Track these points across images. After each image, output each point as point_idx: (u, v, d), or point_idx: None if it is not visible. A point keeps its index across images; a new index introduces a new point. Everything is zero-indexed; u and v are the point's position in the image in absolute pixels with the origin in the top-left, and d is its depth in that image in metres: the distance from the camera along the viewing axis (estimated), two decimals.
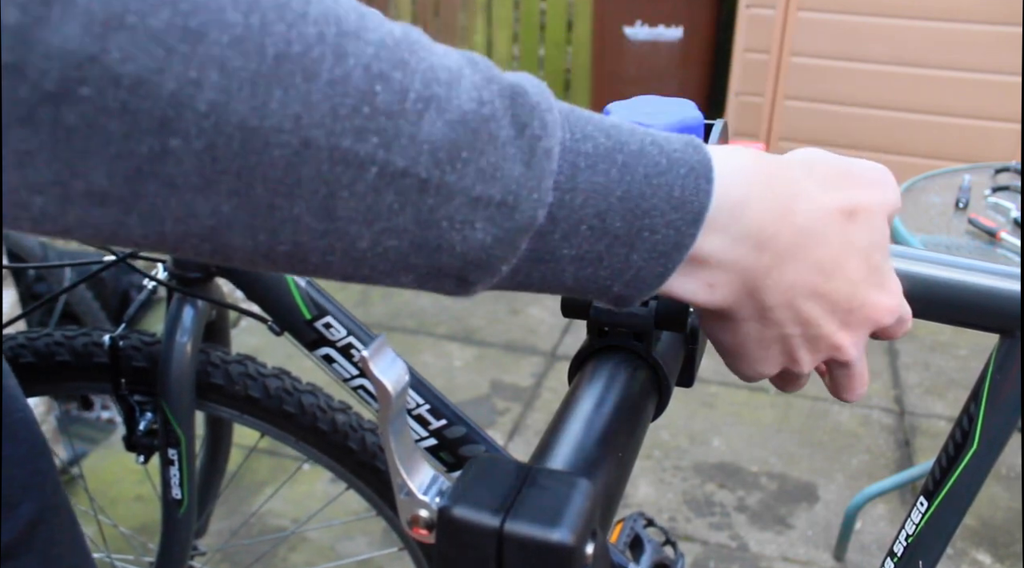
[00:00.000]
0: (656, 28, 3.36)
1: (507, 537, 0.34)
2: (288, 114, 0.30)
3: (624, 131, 0.38)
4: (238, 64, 0.28)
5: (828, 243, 0.43)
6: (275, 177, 0.30)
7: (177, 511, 1.07)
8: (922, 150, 2.96)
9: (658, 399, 0.51)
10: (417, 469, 0.37)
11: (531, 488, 0.36)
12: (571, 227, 0.37)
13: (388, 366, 0.35)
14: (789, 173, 0.43)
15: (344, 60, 0.30)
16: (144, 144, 0.28)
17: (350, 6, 0.32)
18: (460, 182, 0.34)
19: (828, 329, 0.45)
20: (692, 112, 0.52)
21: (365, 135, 0.31)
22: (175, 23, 0.27)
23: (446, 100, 0.33)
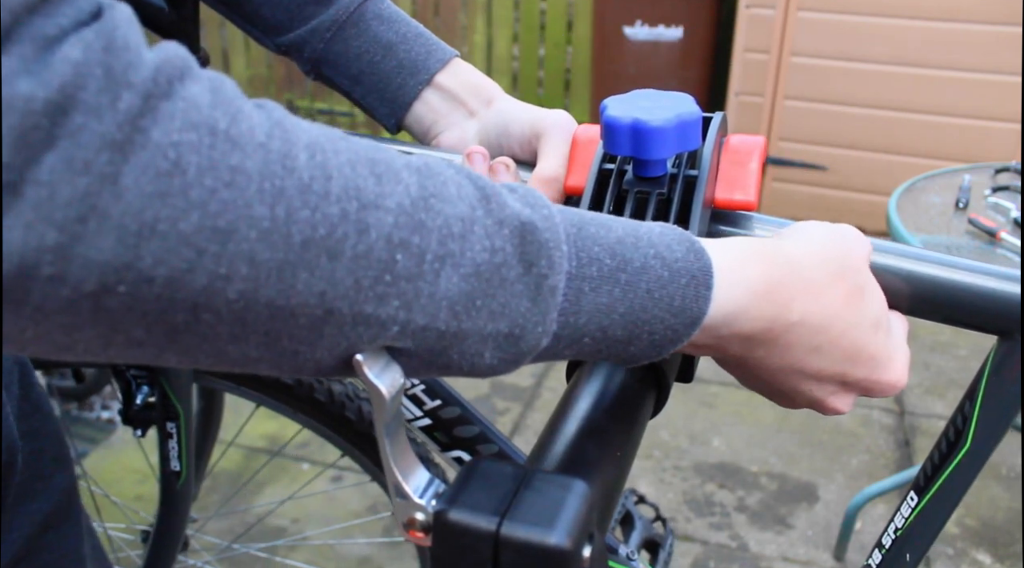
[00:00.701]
0: (656, 28, 3.36)
1: (503, 540, 0.34)
2: (314, 292, 0.32)
3: (628, 246, 0.40)
4: (267, 256, 0.30)
5: (827, 330, 0.45)
6: (300, 335, 0.33)
7: (176, 483, 1.09)
8: (922, 150, 2.96)
9: (657, 396, 0.51)
10: (413, 472, 0.37)
11: (528, 491, 0.35)
12: (574, 341, 0.39)
13: (383, 370, 0.35)
14: (794, 275, 0.45)
15: (366, 235, 0.32)
16: (179, 318, 0.30)
17: (367, 166, 0.33)
18: (474, 325, 0.36)
19: (817, 395, 0.49)
20: (690, 106, 0.52)
21: (387, 300, 0.33)
22: (204, 225, 0.29)
23: (460, 254, 0.34)
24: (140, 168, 0.28)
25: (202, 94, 0.30)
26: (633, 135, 0.51)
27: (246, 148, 0.30)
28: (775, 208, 3.18)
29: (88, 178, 0.27)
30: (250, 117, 0.31)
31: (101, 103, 0.27)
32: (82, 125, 0.27)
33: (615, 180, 0.56)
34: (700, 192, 0.54)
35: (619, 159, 0.57)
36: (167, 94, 0.29)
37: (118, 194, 0.27)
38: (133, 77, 0.28)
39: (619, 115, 0.51)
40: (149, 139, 0.28)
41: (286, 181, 0.30)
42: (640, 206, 0.55)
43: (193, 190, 0.29)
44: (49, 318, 0.28)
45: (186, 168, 0.28)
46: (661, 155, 0.51)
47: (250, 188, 0.30)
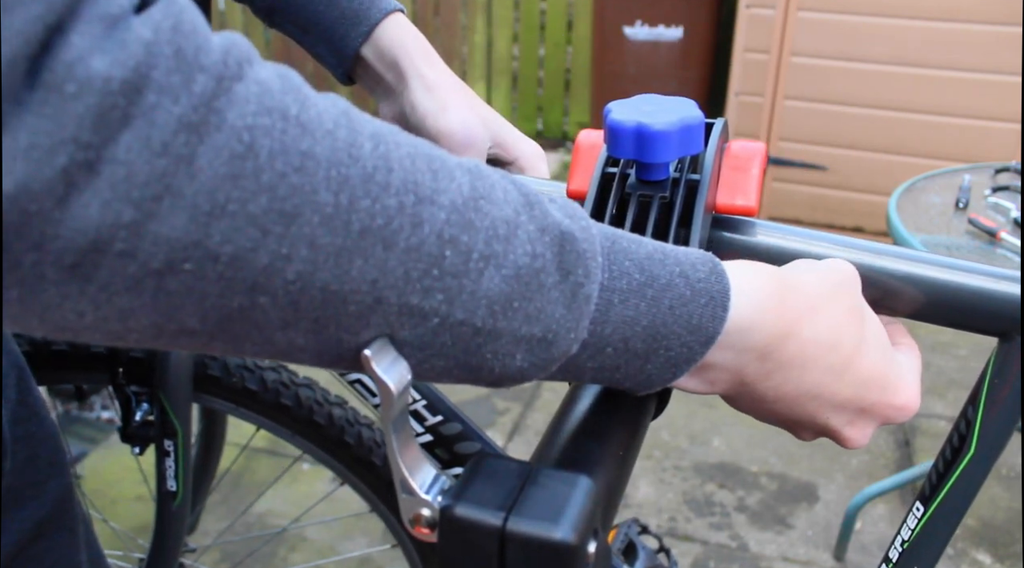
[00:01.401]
0: (656, 28, 3.36)
1: (509, 536, 0.34)
2: (366, 279, 0.33)
3: (656, 263, 0.41)
4: (326, 240, 0.31)
5: (837, 350, 0.46)
6: (347, 323, 0.34)
7: (171, 503, 1.07)
8: (922, 150, 2.96)
9: (659, 397, 0.51)
10: (419, 468, 0.37)
11: (533, 487, 0.36)
12: (597, 350, 0.40)
13: (390, 365, 0.35)
14: (800, 294, 0.46)
15: (420, 228, 0.33)
16: (235, 301, 0.31)
17: (424, 161, 0.34)
18: (509, 326, 0.37)
19: (835, 424, 0.49)
20: (693, 111, 0.52)
21: (432, 293, 0.34)
22: (272, 207, 0.30)
23: (503, 256, 0.35)
24: (215, 149, 0.28)
25: (272, 78, 0.31)
26: (637, 138, 0.52)
27: (316, 134, 0.31)
28: (775, 208, 3.18)
29: (165, 159, 0.27)
30: (317, 104, 0.32)
31: (174, 83, 0.27)
32: (156, 104, 0.27)
33: (618, 183, 0.56)
34: (702, 196, 0.54)
35: (622, 163, 0.57)
36: (239, 76, 0.29)
37: (193, 174, 0.28)
38: (204, 59, 0.28)
39: (623, 119, 0.52)
40: (224, 121, 0.28)
41: (351, 169, 0.31)
42: (643, 210, 0.56)
43: (264, 173, 0.29)
44: (111, 299, 0.29)
45: (259, 151, 0.29)
46: (664, 158, 0.52)
47: (318, 174, 0.30)
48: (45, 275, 0.27)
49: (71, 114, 0.26)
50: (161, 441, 1.03)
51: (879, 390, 0.48)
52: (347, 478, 1.08)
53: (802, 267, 0.50)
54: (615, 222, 0.56)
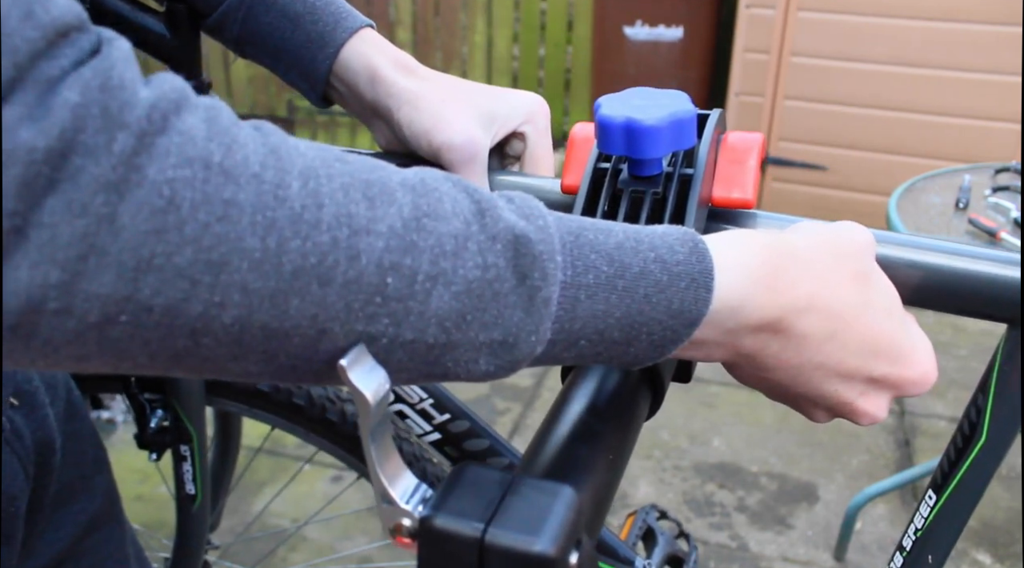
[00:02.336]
0: (656, 28, 3.35)
1: (488, 547, 0.34)
2: (306, 315, 0.33)
3: (627, 251, 0.40)
4: (259, 285, 0.31)
5: (842, 315, 0.44)
6: (295, 352, 0.34)
7: (191, 506, 1.09)
8: (922, 150, 2.95)
9: (652, 397, 0.51)
10: (399, 477, 0.37)
11: (513, 497, 0.35)
12: (570, 344, 0.40)
13: (367, 374, 0.35)
14: (795, 262, 0.44)
15: (357, 261, 0.33)
16: (179, 343, 0.32)
17: (360, 189, 0.34)
18: (464, 337, 0.36)
19: (846, 396, 0.47)
20: (684, 104, 0.51)
21: (377, 319, 0.34)
22: (199, 258, 0.30)
23: (452, 272, 0.35)
24: (136, 206, 0.29)
25: (197, 126, 0.30)
26: (626, 134, 0.50)
27: (239, 180, 0.31)
28: (775, 208, 3.16)
29: (86, 219, 0.28)
30: (245, 146, 0.31)
31: (98, 144, 0.28)
32: (81, 167, 0.28)
33: (610, 179, 0.55)
34: (695, 190, 0.53)
35: (614, 158, 0.56)
36: (162, 129, 0.29)
37: (115, 232, 0.28)
38: (128, 116, 0.29)
39: (612, 114, 0.51)
40: (145, 177, 0.29)
41: (278, 212, 0.31)
42: (635, 205, 0.55)
43: (187, 226, 0.29)
44: (58, 350, 0.30)
45: (180, 204, 0.29)
46: (655, 154, 0.51)
47: (243, 221, 0.30)
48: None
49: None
50: (177, 446, 1.04)
51: (889, 359, 0.46)
52: (362, 472, 1.08)
53: (803, 228, 0.48)
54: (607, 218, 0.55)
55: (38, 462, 0.68)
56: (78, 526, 0.77)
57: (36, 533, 0.70)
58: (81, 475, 0.77)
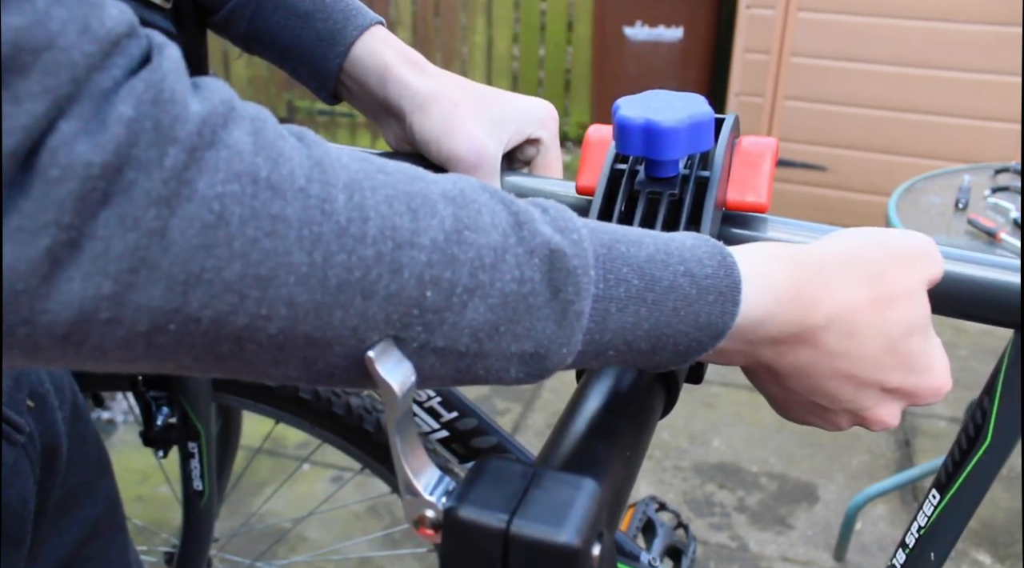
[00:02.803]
0: (656, 28, 3.36)
1: (513, 538, 0.34)
2: (347, 327, 0.33)
3: (658, 264, 0.40)
4: (304, 299, 0.32)
5: (854, 334, 0.45)
6: (335, 361, 0.35)
7: (199, 502, 1.09)
8: (922, 150, 2.96)
9: (666, 397, 0.51)
10: (423, 469, 0.37)
11: (537, 489, 0.36)
12: (598, 354, 0.40)
13: (394, 367, 0.35)
14: (819, 278, 0.45)
15: (399, 275, 0.33)
16: (224, 348, 0.32)
17: (404, 201, 0.34)
18: (496, 347, 0.37)
19: (860, 404, 0.48)
20: (702, 107, 0.52)
21: (411, 328, 0.35)
22: (247, 273, 0.30)
23: (489, 285, 0.35)
24: (186, 221, 0.29)
25: (244, 140, 0.31)
26: (645, 135, 0.51)
27: (286, 195, 0.31)
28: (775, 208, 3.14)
29: (137, 233, 0.28)
30: (291, 159, 0.32)
31: (151, 159, 0.28)
32: (134, 181, 0.28)
33: (627, 180, 0.56)
34: (712, 193, 0.54)
35: (631, 159, 0.57)
36: (212, 144, 0.30)
37: (166, 247, 0.29)
38: (179, 131, 0.29)
39: (631, 115, 0.51)
40: (195, 192, 0.29)
41: (324, 226, 0.32)
42: (651, 206, 0.55)
43: (236, 241, 0.30)
44: (107, 354, 0.31)
45: (230, 219, 0.30)
46: (673, 155, 0.51)
47: (290, 236, 0.31)
48: (39, 343, 0.29)
49: (54, 198, 0.27)
50: (185, 443, 1.05)
51: (904, 373, 0.47)
52: (369, 465, 1.09)
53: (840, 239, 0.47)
54: (624, 219, 0.55)
55: (44, 466, 0.68)
56: (82, 531, 0.76)
57: (40, 538, 0.70)
58: (86, 479, 0.77)
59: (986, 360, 2.52)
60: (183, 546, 1.14)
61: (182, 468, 1.07)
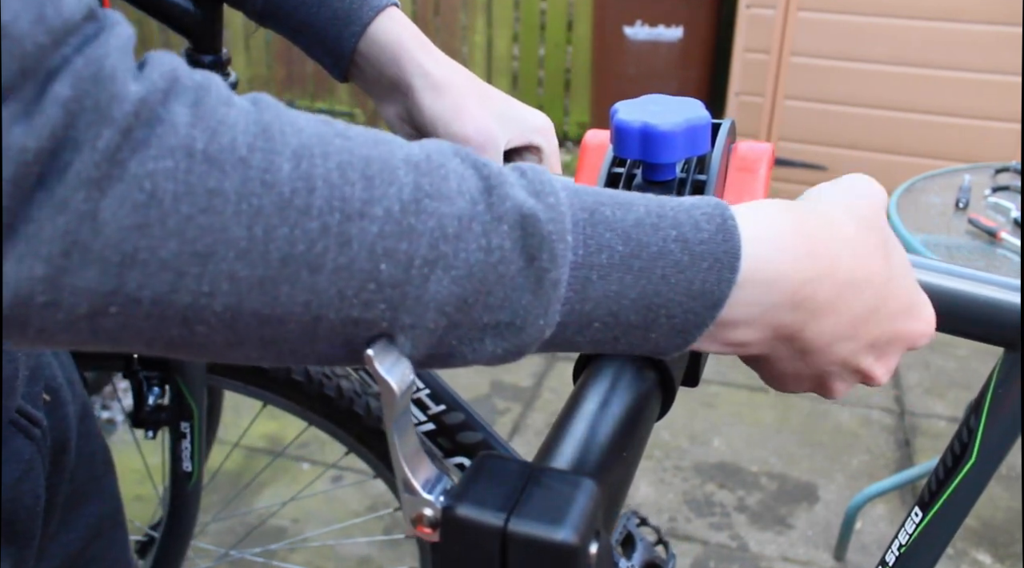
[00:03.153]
0: (656, 28, 3.36)
1: (511, 536, 0.34)
2: (298, 302, 0.32)
3: (646, 229, 0.38)
4: (246, 273, 0.31)
5: (872, 286, 0.43)
6: (293, 339, 0.34)
7: (187, 484, 1.09)
8: (922, 150, 2.96)
9: (663, 399, 0.51)
10: (421, 467, 0.37)
11: (535, 488, 0.36)
12: (582, 326, 0.38)
13: (393, 365, 0.35)
14: (832, 230, 0.43)
15: (347, 247, 0.32)
16: (173, 331, 0.31)
17: (359, 168, 0.33)
18: (467, 318, 0.35)
19: (865, 363, 0.46)
20: (699, 111, 0.52)
21: (373, 304, 0.33)
22: (183, 250, 0.29)
23: (453, 256, 0.34)
24: (117, 202, 0.28)
25: (182, 113, 0.30)
26: (642, 139, 0.51)
27: (224, 166, 0.30)
28: None
29: (67, 216, 0.28)
30: (233, 127, 0.31)
31: (85, 140, 0.28)
32: (68, 162, 0.28)
33: (624, 184, 0.56)
34: None
35: (628, 163, 0.57)
36: (148, 122, 0.29)
37: (97, 229, 0.28)
38: (116, 111, 0.28)
39: (629, 119, 0.52)
40: (126, 171, 0.28)
41: (264, 199, 0.31)
42: None
43: (170, 219, 0.29)
44: (54, 337, 0.30)
45: (162, 197, 0.29)
46: (670, 159, 0.52)
47: (227, 210, 0.30)
48: None
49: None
50: (177, 423, 1.05)
51: (906, 318, 0.46)
52: (356, 449, 1.09)
53: (833, 195, 0.47)
54: None
55: (53, 461, 0.68)
56: (89, 529, 0.76)
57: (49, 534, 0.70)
58: (92, 476, 0.77)
59: (986, 360, 2.52)
60: (167, 530, 1.13)
61: (172, 450, 1.06)
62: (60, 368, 0.71)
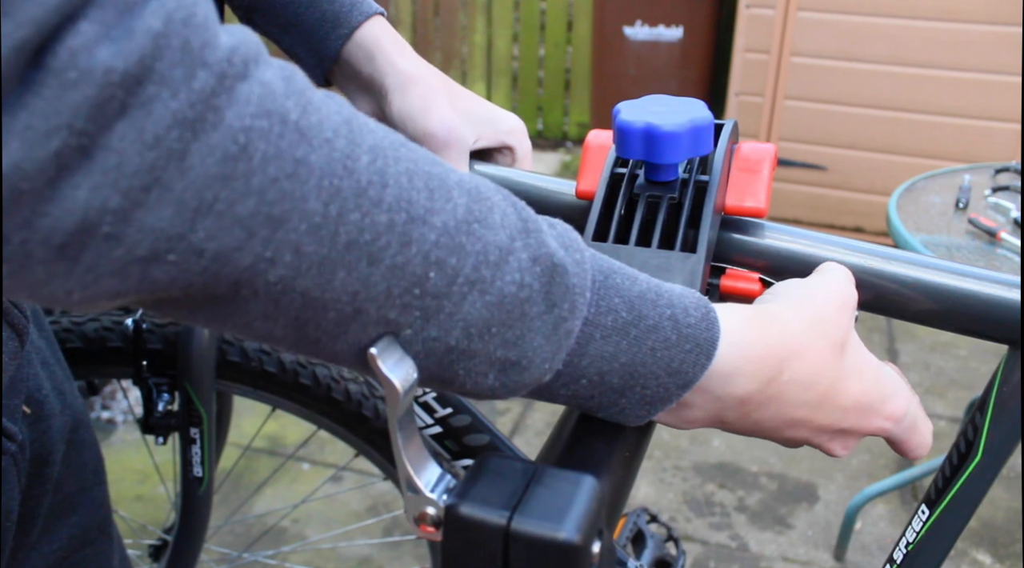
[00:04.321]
0: (656, 28, 3.36)
1: (513, 535, 0.34)
2: (347, 291, 0.33)
3: (647, 303, 0.41)
4: (311, 249, 0.31)
5: (816, 386, 0.46)
6: (326, 327, 0.34)
7: (197, 489, 1.09)
8: (922, 150, 2.96)
9: None
10: (425, 466, 0.37)
11: (538, 486, 0.36)
12: (572, 380, 0.41)
13: (396, 364, 0.35)
14: (784, 332, 0.45)
15: (408, 248, 0.33)
16: (219, 289, 0.31)
17: (423, 179, 0.34)
18: (484, 348, 0.37)
19: (817, 441, 0.49)
20: (702, 112, 0.52)
21: (410, 310, 0.35)
22: (260, 211, 0.30)
23: (490, 282, 0.35)
24: (208, 148, 0.28)
25: (276, 80, 0.30)
26: (645, 139, 0.51)
27: (313, 141, 0.31)
28: (775, 208, 3.18)
29: (156, 152, 0.28)
30: (320, 109, 0.31)
31: (176, 78, 0.27)
32: (155, 96, 0.27)
33: (627, 184, 0.56)
34: (711, 197, 0.54)
35: (631, 163, 0.57)
36: (243, 75, 0.29)
37: (183, 171, 0.28)
38: (209, 56, 0.28)
39: (632, 119, 0.52)
40: (222, 120, 0.28)
41: (344, 181, 0.31)
42: (651, 210, 0.56)
43: (256, 177, 0.29)
44: (98, 281, 0.29)
45: (253, 154, 0.29)
46: (673, 159, 0.52)
47: (310, 182, 0.30)
48: (33, 253, 0.28)
49: (69, 101, 0.26)
50: (187, 429, 1.05)
51: (857, 414, 0.48)
52: (365, 452, 1.09)
53: (795, 298, 0.48)
54: (623, 223, 0.56)
55: (32, 473, 0.67)
56: (72, 539, 0.75)
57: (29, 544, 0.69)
58: (81, 487, 0.76)
59: (986, 360, 2.53)
60: (179, 535, 1.14)
61: (182, 455, 1.06)
62: (49, 379, 0.70)
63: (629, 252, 0.54)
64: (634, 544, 0.97)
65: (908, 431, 0.50)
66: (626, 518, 0.98)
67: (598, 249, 0.54)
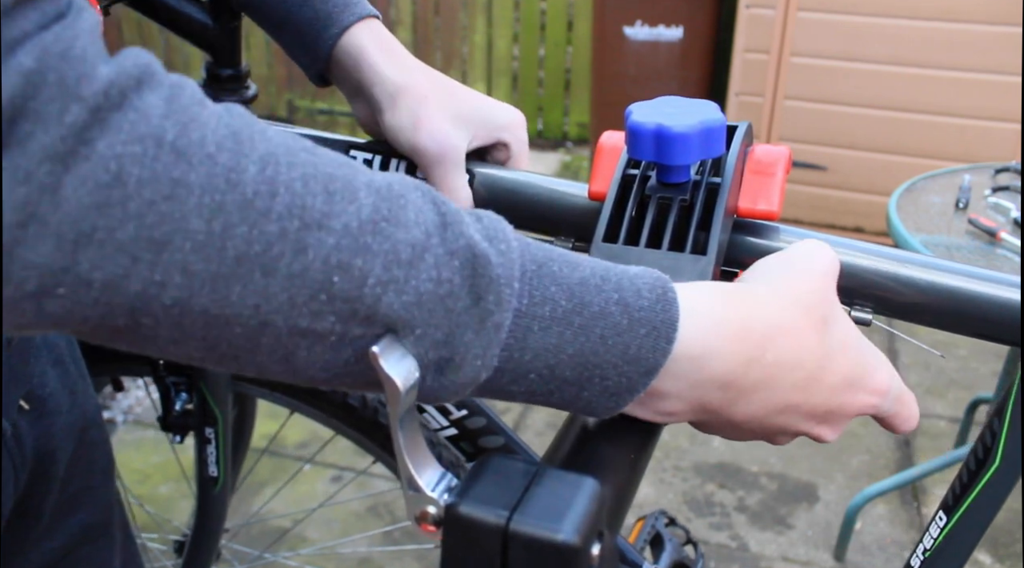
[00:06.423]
0: (656, 28, 3.35)
1: (512, 536, 0.34)
2: (247, 304, 0.32)
3: (591, 289, 0.39)
4: (200, 267, 0.31)
5: (803, 365, 0.44)
6: (237, 343, 0.34)
7: (213, 489, 1.10)
8: (922, 150, 2.96)
9: None
10: (426, 466, 0.37)
11: (538, 487, 0.36)
12: (518, 375, 0.39)
13: (398, 362, 0.35)
14: (764, 312, 0.43)
15: (303, 255, 0.32)
16: (119, 321, 0.31)
17: (321, 182, 0.33)
18: (414, 350, 0.36)
19: (805, 428, 0.47)
20: (714, 114, 0.52)
21: (322, 316, 0.34)
22: (141, 235, 0.30)
23: (404, 282, 0.34)
24: (80, 179, 0.28)
25: (156, 103, 0.30)
26: (657, 140, 0.51)
27: (192, 159, 0.30)
28: None
29: (27, 187, 0.28)
30: (204, 125, 0.31)
31: (50, 113, 0.28)
32: (30, 133, 0.28)
33: (638, 185, 0.56)
34: (723, 199, 0.54)
35: (643, 165, 0.57)
36: (118, 106, 0.29)
37: (57, 204, 0.28)
38: (84, 90, 0.28)
39: (643, 120, 0.52)
40: (93, 151, 0.29)
41: (228, 196, 0.31)
42: (662, 212, 0.55)
43: (132, 202, 0.29)
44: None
45: (127, 180, 0.29)
46: (684, 161, 0.52)
47: (189, 201, 0.30)
48: None
49: None
50: (202, 429, 1.05)
51: (846, 391, 0.46)
52: (379, 457, 1.10)
53: (771, 275, 0.47)
54: (635, 224, 0.56)
55: (34, 471, 0.67)
56: (74, 536, 0.75)
57: (32, 540, 0.69)
58: (88, 485, 0.76)
59: (986, 360, 2.53)
60: (195, 532, 1.14)
61: (197, 454, 1.07)
62: (60, 377, 0.70)
63: (639, 254, 0.53)
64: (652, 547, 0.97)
65: (896, 404, 0.49)
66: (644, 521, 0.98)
67: (608, 250, 0.54)
